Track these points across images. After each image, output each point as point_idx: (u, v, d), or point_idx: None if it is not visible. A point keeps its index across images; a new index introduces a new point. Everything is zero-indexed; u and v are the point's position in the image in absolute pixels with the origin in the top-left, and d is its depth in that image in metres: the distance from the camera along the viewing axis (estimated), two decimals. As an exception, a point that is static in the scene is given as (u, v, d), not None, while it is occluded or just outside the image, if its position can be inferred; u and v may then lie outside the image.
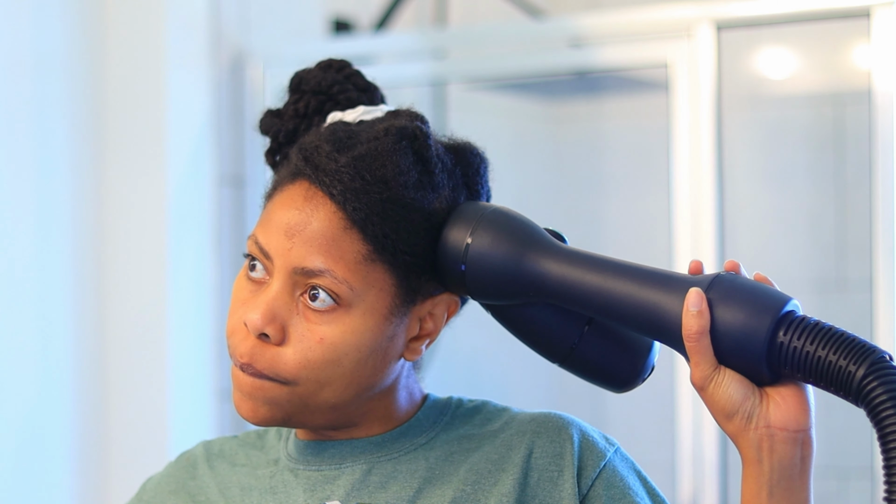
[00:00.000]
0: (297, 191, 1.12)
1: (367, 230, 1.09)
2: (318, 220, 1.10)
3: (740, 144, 2.97)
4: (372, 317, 1.11)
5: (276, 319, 1.10)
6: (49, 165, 2.21)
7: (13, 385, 2.15)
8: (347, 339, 1.10)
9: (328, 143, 1.13)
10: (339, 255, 1.09)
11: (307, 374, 1.10)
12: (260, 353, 1.11)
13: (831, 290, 2.87)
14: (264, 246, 1.12)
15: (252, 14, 2.50)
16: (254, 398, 1.12)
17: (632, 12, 2.18)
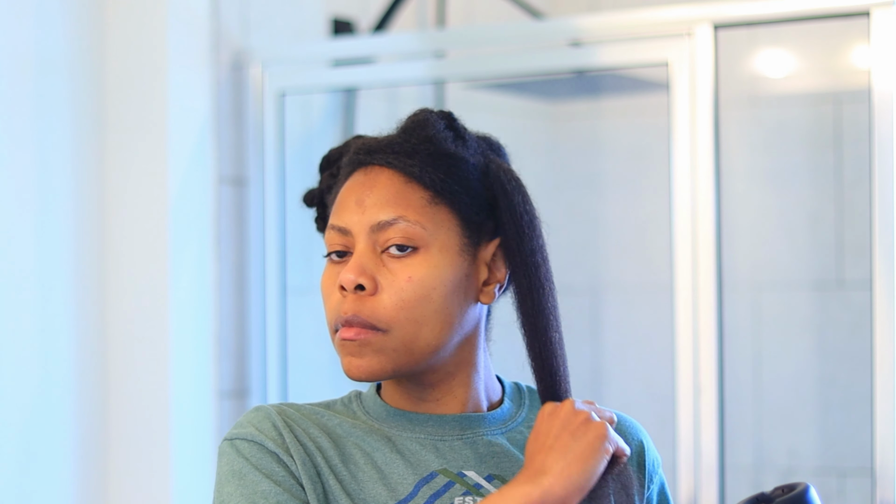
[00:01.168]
0: (356, 178, 1.28)
1: (425, 179, 1.25)
2: (380, 184, 1.25)
3: (740, 144, 2.98)
4: (447, 253, 1.25)
5: (367, 272, 1.23)
6: (50, 165, 2.21)
7: (14, 385, 2.15)
8: (432, 274, 1.23)
9: (370, 137, 1.30)
10: (406, 203, 1.24)
11: (405, 315, 1.23)
12: (361, 304, 1.23)
13: (830, 290, 2.88)
14: (341, 224, 1.26)
15: (252, 14, 2.50)
16: (362, 353, 1.23)
17: (631, 12, 2.18)
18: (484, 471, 1.27)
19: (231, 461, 1.24)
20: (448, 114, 1.30)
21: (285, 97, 2.45)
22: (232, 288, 2.45)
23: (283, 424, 1.26)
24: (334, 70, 2.52)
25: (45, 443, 2.21)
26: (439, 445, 1.27)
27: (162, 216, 2.29)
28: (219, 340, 2.40)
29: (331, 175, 1.35)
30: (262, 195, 2.45)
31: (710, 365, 2.05)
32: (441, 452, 1.27)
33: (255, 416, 1.27)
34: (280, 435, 1.25)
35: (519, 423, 1.31)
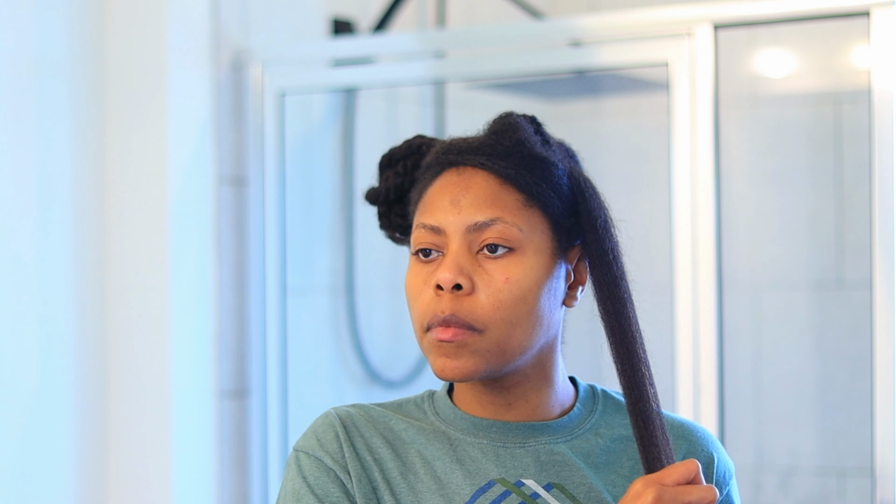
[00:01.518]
0: (448, 177, 1.27)
1: (519, 182, 1.25)
2: (476, 185, 1.26)
3: (740, 144, 2.98)
4: (542, 255, 1.25)
5: (464, 271, 1.23)
6: (50, 165, 2.21)
7: (14, 385, 2.15)
8: (528, 276, 1.24)
9: (458, 138, 1.30)
10: (503, 205, 1.24)
11: (501, 315, 1.23)
12: (458, 304, 1.23)
13: (831, 290, 2.88)
14: (434, 223, 1.26)
15: (252, 14, 2.50)
16: (458, 354, 1.23)
17: (631, 12, 2.18)
18: (543, 479, 1.27)
19: (293, 479, 1.27)
20: (533, 118, 1.32)
21: (285, 97, 2.45)
22: (232, 288, 2.45)
23: (344, 437, 1.28)
24: (334, 70, 2.52)
25: (45, 443, 2.21)
26: (500, 453, 1.28)
27: (162, 216, 2.29)
28: (219, 340, 2.40)
29: (396, 174, 1.35)
30: (262, 195, 2.45)
31: (710, 365, 2.05)
32: (501, 460, 1.27)
33: (321, 424, 1.29)
34: (340, 448, 1.27)
35: (586, 431, 1.31)
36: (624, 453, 1.31)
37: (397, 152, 1.36)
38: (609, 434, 1.32)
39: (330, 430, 1.28)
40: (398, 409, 1.33)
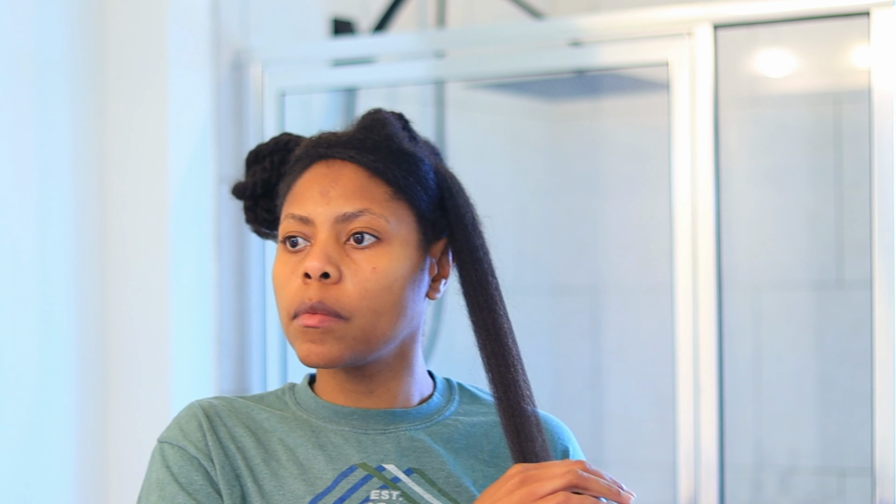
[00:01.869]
0: (317, 170, 1.30)
1: (387, 175, 1.28)
2: (345, 177, 1.29)
3: (740, 144, 2.98)
4: (408, 247, 1.29)
5: (332, 260, 1.26)
6: (51, 165, 2.21)
7: (14, 385, 2.15)
8: (394, 266, 1.27)
9: (328, 132, 1.33)
10: (371, 197, 1.28)
11: (367, 304, 1.26)
12: (326, 292, 1.26)
13: (831, 290, 2.88)
14: (302, 213, 1.28)
15: (252, 14, 2.50)
16: (324, 340, 1.26)
17: (631, 12, 2.18)
18: (404, 464, 1.30)
19: (157, 469, 1.32)
20: (401, 115, 1.35)
21: (285, 97, 2.45)
22: (232, 288, 2.45)
23: (207, 426, 1.31)
24: (334, 70, 2.52)
25: (45, 443, 2.21)
26: (362, 439, 1.31)
27: (162, 216, 2.29)
28: (219, 340, 2.40)
29: (263, 169, 1.37)
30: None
31: (710, 365, 2.05)
32: (363, 446, 1.30)
33: (185, 416, 1.34)
34: (203, 437, 1.31)
35: (445, 418, 1.34)
36: (484, 437, 1.34)
37: (264, 148, 1.38)
38: (467, 421, 1.35)
39: (193, 420, 1.33)
40: (260, 400, 1.36)
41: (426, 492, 1.29)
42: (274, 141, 1.38)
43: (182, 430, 1.33)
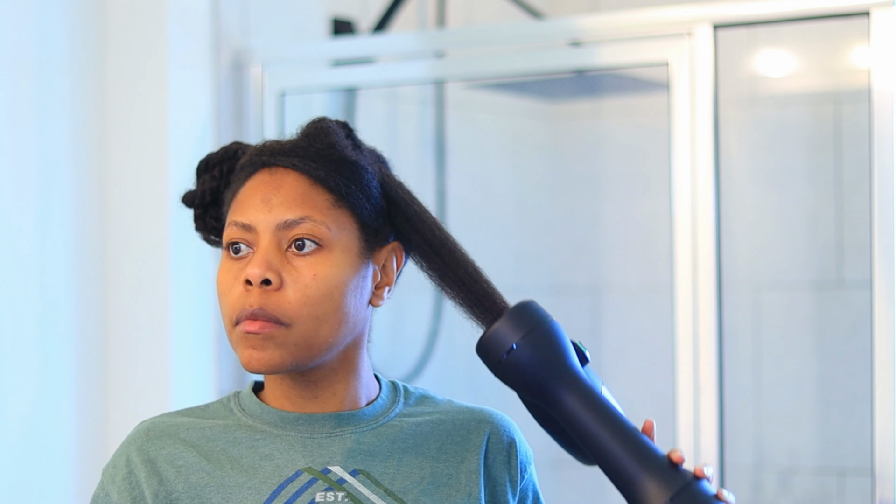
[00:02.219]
0: (260, 177, 1.32)
1: (329, 183, 1.29)
2: (287, 185, 1.30)
3: (740, 144, 2.98)
4: (349, 254, 1.29)
5: (273, 267, 1.27)
6: (51, 165, 2.21)
7: (14, 385, 2.15)
8: (335, 273, 1.28)
9: (272, 141, 1.34)
10: (312, 204, 1.29)
11: (308, 311, 1.26)
12: (266, 298, 1.26)
13: (831, 290, 2.88)
14: (244, 220, 1.30)
15: (252, 14, 2.50)
16: (265, 346, 1.27)
17: (631, 12, 2.18)
18: (350, 465, 1.31)
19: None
20: (345, 123, 1.36)
21: (285, 97, 2.46)
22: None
23: (140, 462, 1.30)
24: (334, 70, 2.52)
25: (46, 443, 2.21)
26: (308, 443, 1.32)
27: (162, 216, 2.29)
28: (219, 340, 2.40)
29: (212, 177, 1.38)
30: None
31: (710, 365, 2.06)
32: (308, 450, 1.31)
33: (118, 454, 1.33)
34: (130, 477, 1.30)
35: (391, 419, 1.35)
36: (431, 436, 1.35)
37: (214, 157, 1.39)
38: (413, 420, 1.36)
39: (122, 459, 1.32)
40: (204, 411, 1.36)
41: (371, 492, 1.30)
42: (224, 150, 1.39)
43: (111, 473, 1.33)
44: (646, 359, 3.03)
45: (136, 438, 1.34)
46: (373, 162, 1.35)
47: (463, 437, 1.36)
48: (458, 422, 1.37)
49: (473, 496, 1.32)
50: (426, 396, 1.41)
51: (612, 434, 1.24)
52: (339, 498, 1.29)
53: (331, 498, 1.29)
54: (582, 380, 1.27)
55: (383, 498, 1.30)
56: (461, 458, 1.34)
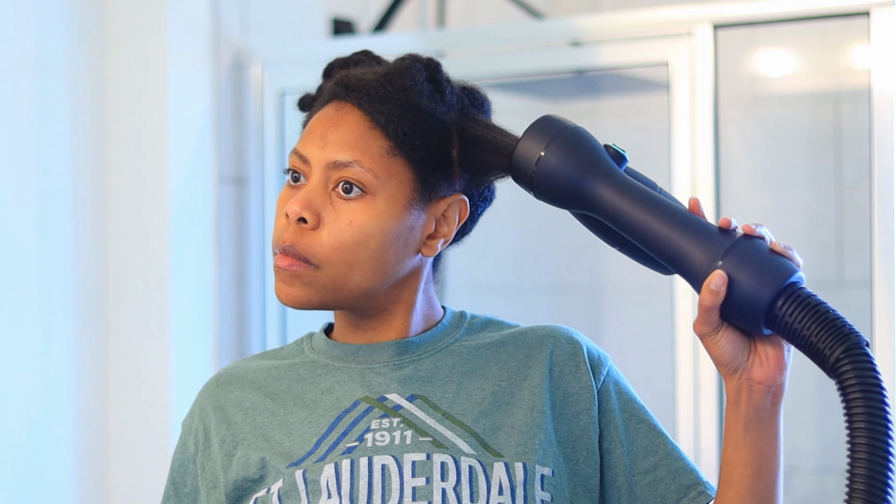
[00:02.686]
0: (330, 108, 1.32)
1: (389, 129, 1.28)
2: (347, 124, 1.29)
3: (740, 144, 2.98)
4: (394, 205, 1.28)
5: (312, 206, 1.27)
6: (51, 165, 2.21)
7: (15, 385, 2.15)
8: (373, 223, 1.27)
9: (357, 70, 1.34)
10: (365, 149, 1.28)
11: (339, 256, 1.27)
12: (300, 237, 1.27)
13: (831, 290, 2.88)
14: (302, 151, 1.30)
15: (252, 14, 2.50)
16: (293, 282, 1.29)
17: (631, 12, 2.18)
18: (406, 391, 1.32)
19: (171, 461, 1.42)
20: (434, 64, 1.34)
21: (285, 97, 2.46)
22: (232, 288, 2.45)
23: (211, 409, 1.38)
24: (334, 70, 2.51)
25: (46, 443, 2.21)
26: (366, 373, 1.34)
27: (162, 216, 2.29)
28: (219, 340, 2.40)
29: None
30: (262, 195, 2.45)
31: (710, 365, 2.05)
32: (367, 380, 1.33)
33: (194, 404, 1.43)
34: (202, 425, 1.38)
35: (450, 345, 1.36)
36: (492, 358, 1.35)
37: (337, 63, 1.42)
38: (473, 344, 1.36)
39: (198, 407, 1.41)
40: (277, 352, 1.41)
41: (428, 416, 1.30)
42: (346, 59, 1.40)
43: (188, 422, 1.41)
44: (646, 359, 3.03)
45: (207, 387, 1.41)
46: (453, 108, 1.33)
47: (525, 354, 1.35)
48: (521, 341, 1.36)
49: (537, 409, 1.31)
50: (492, 321, 1.41)
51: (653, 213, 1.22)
52: (395, 423, 1.30)
53: (386, 424, 1.30)
54: (614, 170, 1.26)
55: (441, 422, 1.30)
56: (524, 374, 1.34)
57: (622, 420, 1.34)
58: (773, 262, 1.17)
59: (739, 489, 1.25)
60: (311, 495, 1.27)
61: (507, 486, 1.26)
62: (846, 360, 1.12)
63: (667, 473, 1.33)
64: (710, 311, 1.18)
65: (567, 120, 1.29)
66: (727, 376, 1.22)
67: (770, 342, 1.21)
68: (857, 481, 1.08)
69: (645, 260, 1.30)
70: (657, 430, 1.35)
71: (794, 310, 1.15)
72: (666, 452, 1.34)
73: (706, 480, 1.34)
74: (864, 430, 1.09)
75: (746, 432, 1.24)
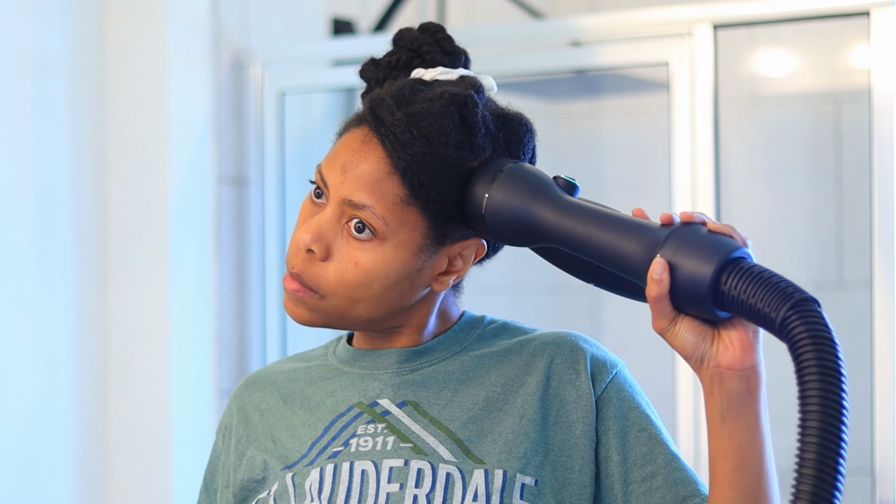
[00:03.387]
0: (358, 134, 1.30)
1: (407, 177, 1.27)
2: (368, 163, 1.28)
3: (740, 144, 2.98)
4: (402, 251, 1.28)
5: (323, 240, 1.28)
6: (51, 165, 2.21)
7: (14, 385, 2.15)
8: (378, 267, 1.28)
9: (392, 97, 1.30)
10: (380, 195, 1.27)
11: (342, 291, 1.29)
12: (308, 266, 1.29)
13: (831, 290, 2.88)
14: (325, 177, 1.30)
15: (252, 14, 2.50)
16: (299, 303, 1.31)
17: (631, 12, 2.18)
18: (399, 397, 1.34)
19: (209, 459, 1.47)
20: (472, 105, 1.28)
21: (285, 97, 2.45)
22: (232, 288, 2.45)
23: (236, 409, 1.42)
24: (334, 70, 2.52)
25: (46, 443, 2.21)
26: (366, 378, 1.36)
27: (162, 216, 2.29)
28: (219, 340, 2.40)
29: (390, 64, 1.39)
30: (262, 195, 2.45)
31: (710, 365, 2.05)
32: (365, 385, 1.36)
33: (229, 401, 1.45)
34: (228, 426, 1.42)
35: (456, 354, 1.37)
36: (494, 367, 1.35)
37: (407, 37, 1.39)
38: (479, 353, 1.36)
39: (226, 414, 1.44)
40: (307, 354, 1.45)
41: (415, 422, 1.31)
42: (417, 35, 1.38)
43: (221, 425, 1.45)
44: (646, 359, 3.03)
45: (238, 387, 1.45)
46: (485, 151, 1.29)
47: (526, 361, 1.35)
48: (527, 350, 1.36)
49: (527, 417, 1.31)
50: (508, 327, 1.41)
51: (595, 224, 1.22)
52: (379, 429, 1.32)
53: (371, 430, 1.32)
54: (556, 195, 1.26)
55: (426, 427, 1.31)
56: (521, 382, 1.33)
57: (621, 428, 1.33)
58: (712, 240, 1.17)
59: (723, 484, 1.24)
60: (297, 498, 1.30)
61: (483, 493, 1.26)
62: (794, 316, 1.11)
63: (663, 483, 1.31)
64: (660, 302, 1.17)
65: (509, 161, 1.29)
66: (697, 369, 1.22)
67: (732, 325, 1.20)
68: (808, 434, 1.08)
69: (619, 289, 1.31)
70: (658, 440, 1.33)
71: (739, 282, 1.14)
72: (665, 462, 1.32)
73: (706, 493, 1.32)
74: (817, 381, 1.09)
75: (724, 423, 1.23)
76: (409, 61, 1.38)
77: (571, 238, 1.23)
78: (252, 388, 1.42)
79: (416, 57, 1.38)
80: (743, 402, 1.24)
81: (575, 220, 1.23)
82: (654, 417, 1.36)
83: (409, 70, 1.38)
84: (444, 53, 1.38)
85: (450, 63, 1.38)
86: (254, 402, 1.41)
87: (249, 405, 1.41)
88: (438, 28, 1.39)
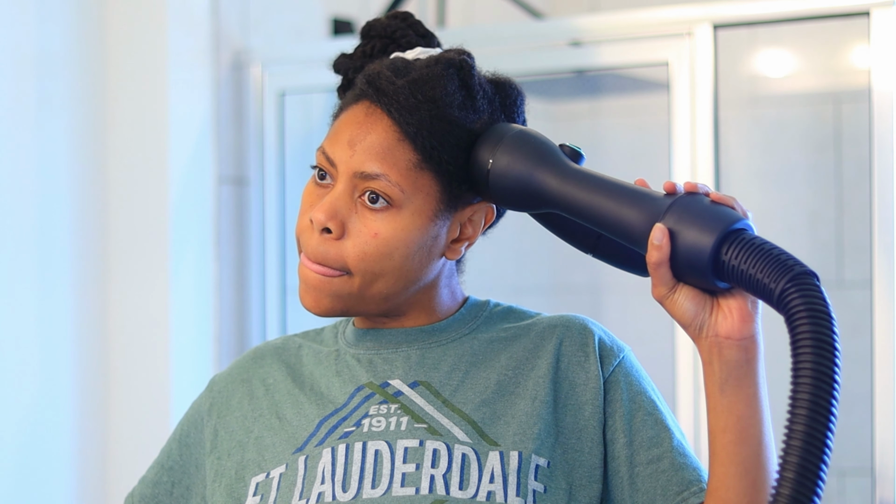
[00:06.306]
0: (360, 109, 1.30)
1: (418, 142, 1.27)
2: (376, 133, 1.28)
3: (740, 144, 2.98)
4: (419, 217, 1.28)
5: (337, 216, 1.27)
6: (51, 165, 2.21)
7: (14, 385, 2.15)
8: (398, 235, 1.27)
9: (389, 69, 1.30)
10: (392, 162, 1.27)
11: (364, 266, 1.27)
12: (327, 247, 1.28)
13: (831, 290, 2.87)
14: (330, 155, 1.29)
15: (252, 14, 2.50)
16: (318, 290, 1.29)
17: (631, 12, 2.18)
18: (410, 378, 1.33)
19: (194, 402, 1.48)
20: (467, 67, 1.31)
21: (285, 97, 2.45)
22: (232, 288, 2.45)
23: (240, 381, 1.41)
24: (334, 70, 2.52)
25: (46, 443, 2.21)
26: (373, 359, 1.36)
27: (162, 216, 2.29)
28: (219, 340, 2.40)
29: (364, 54, 1.38)
30: (262, 195, 2.45)
31: (710, 365, 2.05)
32: (373, 366, 1.35)
33: (232, 366, 1.45)
34: (228, 393, 1.41)
35: (464, 336, 1.37)
36: (503, 350, 1.35)
37: (377, 26, 1.39)
38: (487, 336, 1.37)
39: (227, 377, 1.43)
40: (317, 334, 1.44)
41: (428, 403, 1.31)
42: (388, 22, 1.38)
43: (219, 379, 1.44)
44: (646, 359, 3.03)
45: (245, 357, 1.44)
46: (485, 113, 1.31)
47: (536, 344, 1.35)
48: (535, 332, 1.36)
49: (539, 400, 1.31)
50: (513, 311, 1.41)
51: (599, 191, 1.23)
52: (392, 410, 1.31)
53: (384, 410, 1.31)
54: (560, 161, 1.28)
55: (440, 409, 1.30)
56: (532, 364, 1.34)
57: (628, 411, 1.33)
58: (714, 210, 1.17)
59: (722, 458, 1.24)
60: (307, 481, 1.28)
61: (500, 473, 1.26)
62: (792, 288, 1.10)
63: (669, 466, 1.31)
64: (660, 268, 1.18)
65: (513, 125, 1.32)
66: (696, 338, 1.22)
67: (731, 295, 1.20)
68: (798, 405, 1.07)
69: (618, 261, 1.33)
70: (664, 425, 1.34)
71: (740, 253, 1.13)
72: (671, 446, 1.32)
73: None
74: (810, 354, 1.08)
75: (723, 395, 1.22)
76: (384, 48, 1.38)
77: (574, 204, 1.24)
78: (260, 361, 1.41)
79: (391, 42, 1.38)
80: (742, 373, 1.22)
81: (578, 187, 1.25)
82: (661, 403, 1.36)
83: (386, 56, 1.38)
84: (419, 36, 1.39)
85: (425, 44, 1.39)
86: (260, 376, 1.40)
87: (255, 378, 1.40)
88: (407, 14, 1.40)
